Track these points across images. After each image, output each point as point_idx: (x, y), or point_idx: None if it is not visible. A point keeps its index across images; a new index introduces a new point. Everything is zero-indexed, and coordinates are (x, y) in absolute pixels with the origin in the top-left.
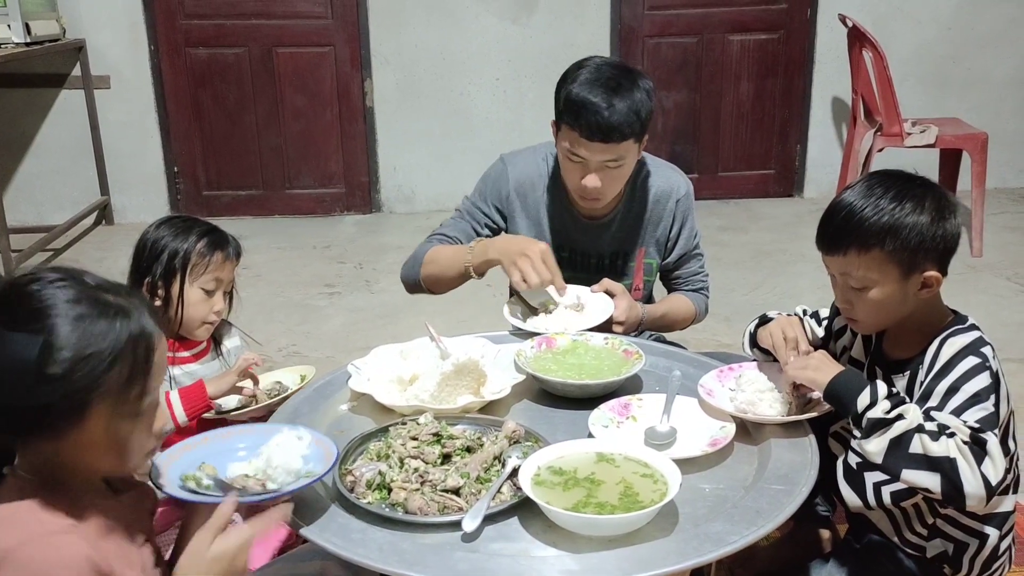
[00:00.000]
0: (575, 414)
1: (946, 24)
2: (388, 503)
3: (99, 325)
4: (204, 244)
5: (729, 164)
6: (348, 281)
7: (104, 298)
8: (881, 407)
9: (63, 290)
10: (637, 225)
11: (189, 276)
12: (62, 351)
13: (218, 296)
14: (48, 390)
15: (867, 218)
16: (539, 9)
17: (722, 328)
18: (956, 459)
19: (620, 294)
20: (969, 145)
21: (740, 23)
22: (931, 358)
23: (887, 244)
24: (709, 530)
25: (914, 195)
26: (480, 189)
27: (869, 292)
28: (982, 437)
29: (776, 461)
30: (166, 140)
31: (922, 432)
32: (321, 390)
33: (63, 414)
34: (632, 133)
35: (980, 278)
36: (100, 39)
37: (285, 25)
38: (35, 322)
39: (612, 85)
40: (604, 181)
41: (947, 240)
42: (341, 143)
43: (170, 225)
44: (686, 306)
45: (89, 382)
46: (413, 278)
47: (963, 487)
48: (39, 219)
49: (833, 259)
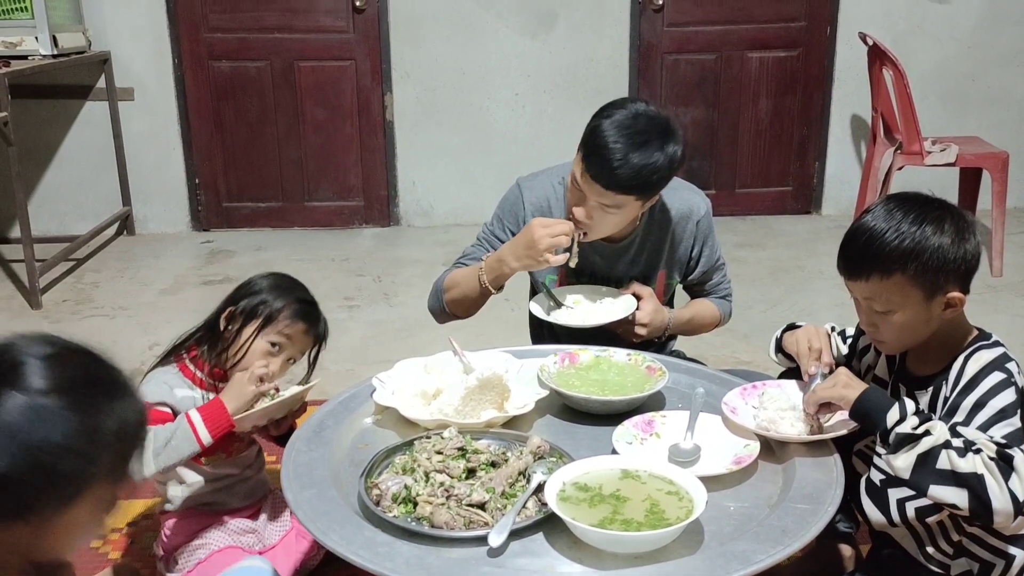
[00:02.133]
0: (598, 430)
1: (966, 43)
2: (414, 517)
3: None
4: (297, 308)
5: (747, 181)
6: (367, 294)
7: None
8: (910, 423)
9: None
10: (657, 248)
11: (269, 324)
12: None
13: (278, 359)
14: (66, 469)
15: (888, 242)
16: (559, 25)
17: (741, 345)
18: (984, 475)
19: (647, 297)
20: (989, 164)
21: (759, 40)
22: (956, 374)
23: (909, 268)
24: (735, 548)
25: (933, 218)
26: (498, 215)
27: (893, 316)
28: (1009, 453)
29: (801, 480)
30: (188, 152)
31: (949, 448)
32: (346, 403)
33: (60, 498)
34: (635, 191)
35: (1000, 298)
36: (125, 52)
37: (307, 39)
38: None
39: (639, 140)
40: (594, 219)
41: (968, 261)
42: (361, 156)
43: (283, 277)
44: (711, 311)
45: (93, 463)
46: (438, 307)
47: (991, 503)
48: (62, 229)
49: (856, 284)
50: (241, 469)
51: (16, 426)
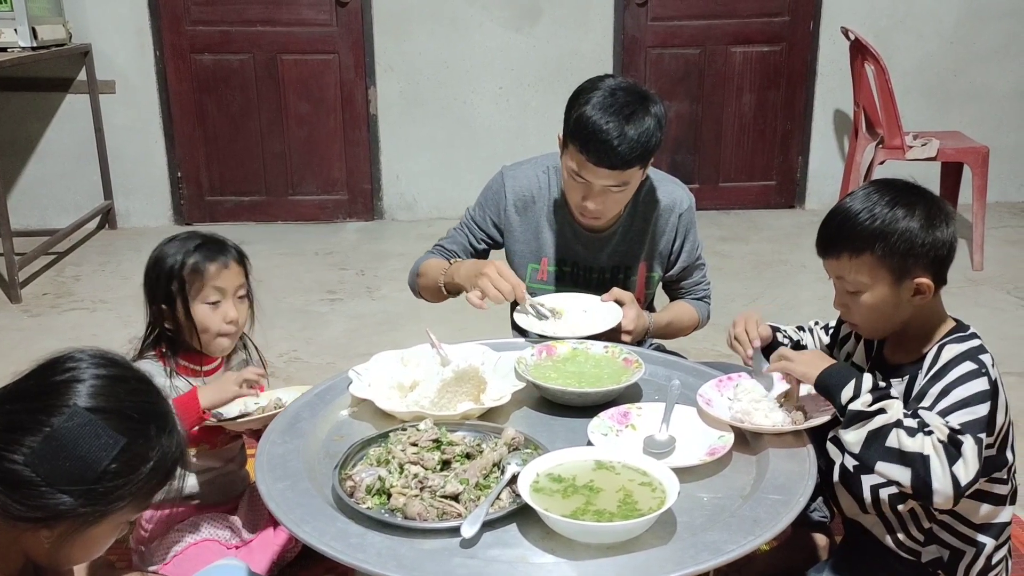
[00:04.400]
0: (574, 422)
1: (948, 38)
2: (387, 508)
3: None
4: (195, 260)
5: (730, 175)
6: (350, 288)
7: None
8: (863, 400)
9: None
10: (639, 239)
11: (190, 295)
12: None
13: (226, 305)
14: (105, 488)
15: (860, 222)
16: (543, 19)
17: (721, 338)
18: (929, 456)
19: (629, 303)
20: (970, 159)
21: (743, 35)
22: (929, 363)
23: (876, 249)
24: (706, 539)
25: (907, 202)
26: (480, 203)
27: (862, 296)
28: (959, 439)
29: (774, 471)
30: (170, 145)
31: (900, 427)
32: (322, 395)
33: (91, 514)
34: (639, 160)
35: (980, 292)
36: (106, 44)
37: (290, 32)
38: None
39: (625, 112)
40: (606, 203)
41: (937, 248)
42: (344, 150)
43: (168, 246)
44: (690, 313)
45: (130, 487)
46: (413, 286)
47: (932, 484)
48: (43, 223)
49: (828, 262)
50: (223, 463)
51: (72, 439)
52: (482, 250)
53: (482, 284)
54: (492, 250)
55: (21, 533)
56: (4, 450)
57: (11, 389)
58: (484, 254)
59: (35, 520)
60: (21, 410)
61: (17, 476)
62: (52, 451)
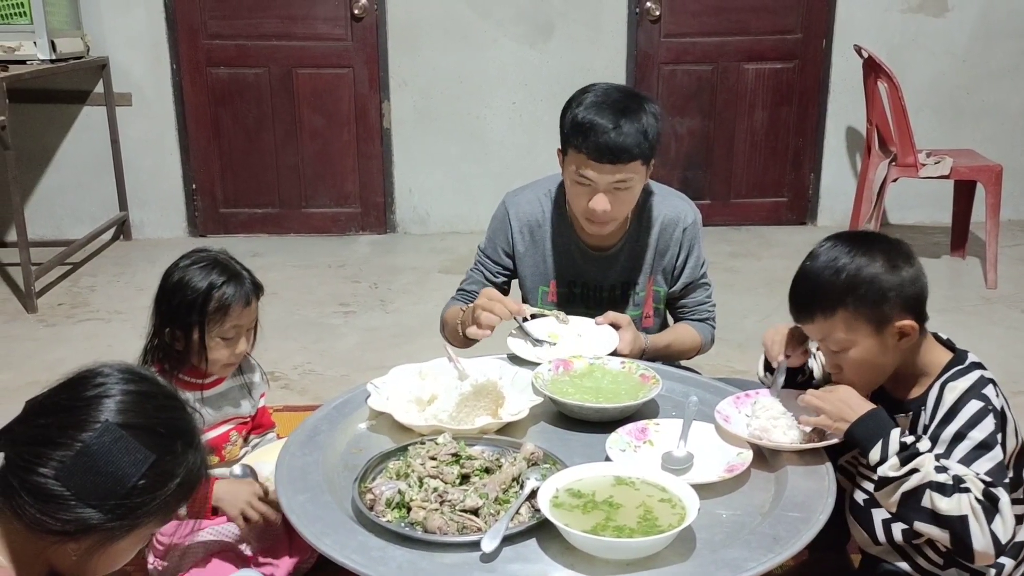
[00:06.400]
0: (592, 437)
1: (960, 56)
2: (407, 522)
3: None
4: (222, 297)
5: (742, 191)
6: (363, 300)
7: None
8: (891, 464)
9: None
10: (645, 254)
11: (208, 327)
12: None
13: (240, 340)
14: (134, 504)
15: (826, 281)
16: (556, 35)
17: (735, 355)
18: (967, 516)
19: (625, 327)
20: (983, 177)
21: (756, 52)
22: (933, 403)
23: (848, 303)
24: (727, 556)
25: (864, 251)
26: (489, 236)
27: (849, 353)
28: (995, 494)
29: (793, 488)
30: (185, 157)
31: (933, 489)
32: (340, 408)
33: (118, 528)
34: (640, 154)
35: (994, 310)
36: (123, 57)
37: (305, 47)
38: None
39: (619, 107)
40: (612, 204)
41: (906, 287)
42: (358, 164)
43: (189, 271)
44: (691, 336)
45: (157, 502)
46: (444, 336)
47: (972, 546)
48: (58, 233)
49: (807, 327)
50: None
51: (103, 455)
52: (501, 283)
53: (476, 317)
54: (511, 279)
55: (48, 545)
56: (35, 464)
57: (40, 403)
58: (503, 287)
59: (63, 534)
60: (52, 424)
61: (47, 490)
62: (83, 466)
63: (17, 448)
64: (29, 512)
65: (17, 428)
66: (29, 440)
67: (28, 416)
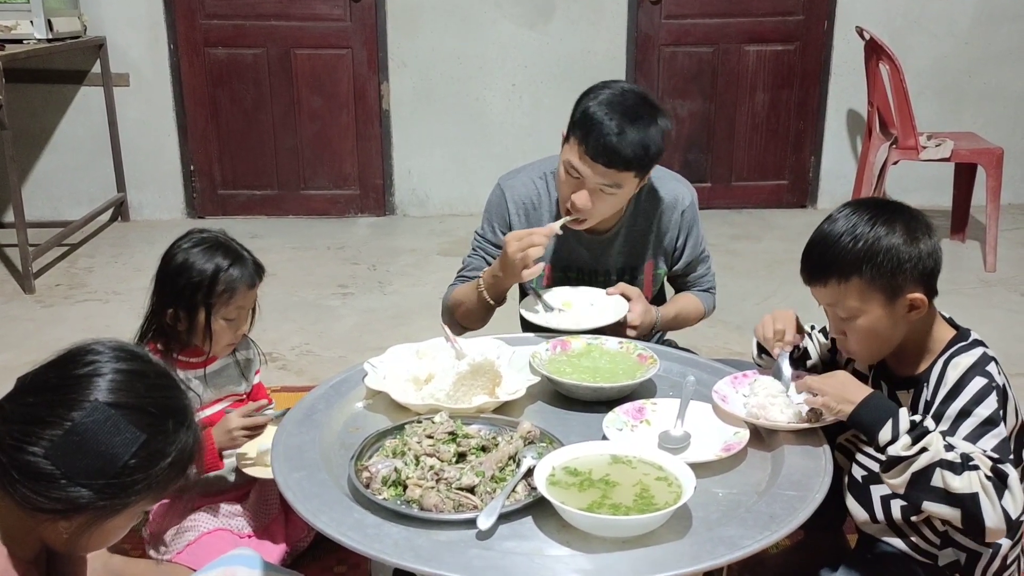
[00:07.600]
0: (589, 416)
1: (963, 39)
2: (404, 500)
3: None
4: (228, 279)
5: (743, 174)
6: (361, 282)
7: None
8: (902, 443)
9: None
10: (643, 238)
11: (213, 308)
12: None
13: (242, 321)
14: (124, 483)
15: (843, 247)
16: (556, 16)
17: (734, 336)
18: (978, 494)
19: (636, 298)
20: (984, 160)
21: (757, 34)
22: (936, 379)
23: (865, 271)
24: (722, 534)
25: (886, 220)
26: (486, 219)
27: (857, 320)
28: (1003, 471)
29: (789, 467)
30: (183, 139)
31: (943, 467)
32: (337, 387)
33: (110, 507)
34: (636, 166)
35: (994, 293)
36: (121, 37)
37: (304, 27)
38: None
39: (631, 114)
40: (594, 202)
41: (923, 260)
42: (356, 145)
43: (193, 253)
44: (696, 305)
45: (148, 481)
46: (451, 323)
47: (984, 522)
48: (56, 214)
49: (817, 290)
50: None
51: (93, 435)
52: None
53: (517, 261)
54: None
55: (40, 523)
56: (24, 442)
57: (31, 380)
58: None
59: (54, 512)
60: (41, 403)
61: (37, 469)
62: (73, 446)
63: (7, 426)
64: (20, 490)
65: (7, 406)
66: (19, 418)
67: (18, 394)
